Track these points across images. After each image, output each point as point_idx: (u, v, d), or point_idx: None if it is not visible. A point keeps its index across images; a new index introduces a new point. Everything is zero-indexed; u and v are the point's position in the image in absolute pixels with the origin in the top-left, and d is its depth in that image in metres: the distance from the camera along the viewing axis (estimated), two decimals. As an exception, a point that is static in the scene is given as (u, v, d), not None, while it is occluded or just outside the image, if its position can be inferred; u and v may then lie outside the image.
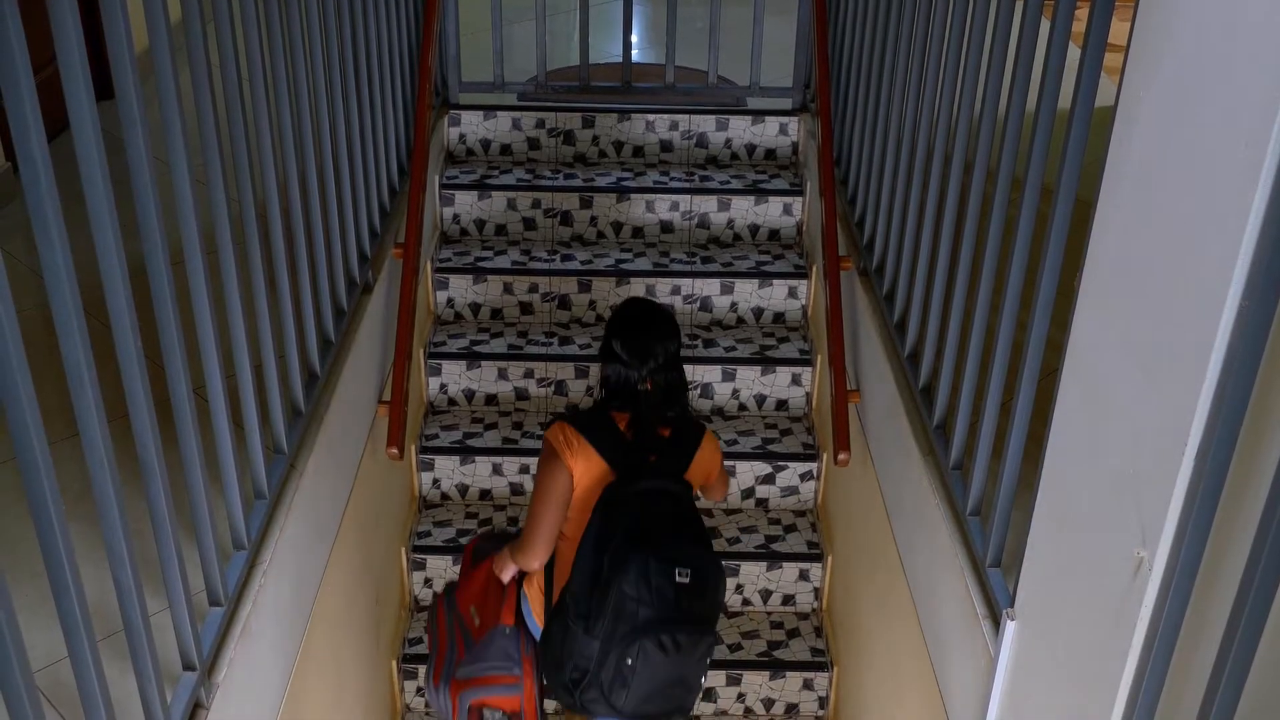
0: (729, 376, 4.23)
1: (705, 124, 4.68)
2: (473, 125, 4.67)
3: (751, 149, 4.73)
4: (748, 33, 4.60)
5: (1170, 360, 1.51)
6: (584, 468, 2.72)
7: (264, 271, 2.52)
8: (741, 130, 4.70)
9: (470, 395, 4.27)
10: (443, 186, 4.49)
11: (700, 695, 2.81)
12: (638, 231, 4.54)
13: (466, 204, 4.50)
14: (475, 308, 4.39)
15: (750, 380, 4.24)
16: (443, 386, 4.27)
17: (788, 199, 4.51)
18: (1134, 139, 1.63)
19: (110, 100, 1.80)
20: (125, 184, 1.83)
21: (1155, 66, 1.57)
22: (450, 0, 4.42)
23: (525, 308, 4.38)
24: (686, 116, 4.66)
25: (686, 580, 2.59)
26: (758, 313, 4.40)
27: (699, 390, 4.24)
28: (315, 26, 2.85)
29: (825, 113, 4.00)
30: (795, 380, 4.25)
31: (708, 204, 4.50)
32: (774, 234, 4.56)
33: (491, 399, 4.28)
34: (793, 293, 4.37)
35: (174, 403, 2.07)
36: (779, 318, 4.41)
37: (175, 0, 2.05)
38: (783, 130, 4.70)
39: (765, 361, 4.23)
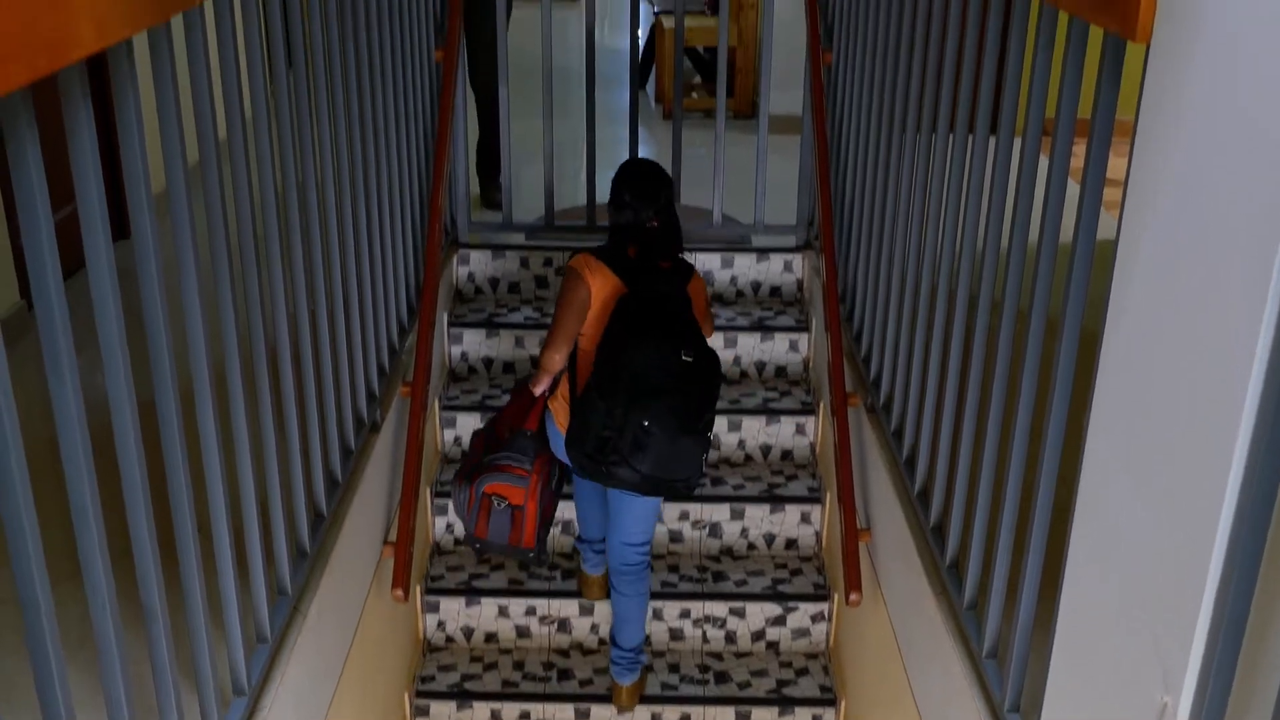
0: (737, 515, 4.20)
1: (711, 261, 4.74)
2: (481, 264, 4.73)
3: (757, 286, 4.77)
4: (750, 171, 4.68)
5: (1185, 497, 1.49)
6: (600, 283, 3.31)
7: (273, 410, 2.52)
8: (747, 268, 4.75)
9: (476, 534, 4.23)
10: (451, 324, 4.52)
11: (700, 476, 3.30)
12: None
13: (474, 342, 4.53)
14: (482, 445, 4.38)
15: (759, 519, 4.21)
16: (449, 526, 4.24)
17: (793, 335, 4.54)
18: (1135, 276, 1.65)
19: (126, 239, 1.83)
20: (136, 316, 1.85)
21: (1153, 202, 1.59)
22: (460, 142, 4.52)
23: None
24: (691, 255, 4.72)
25: (690, 360, 3.17)
26: (765, 450, 4.39)
27: (707, 529, 4.20)
28: (329, 167, 2.91)
29: (829, 249, 4.04)
30: (804, 518, 4.21)
31: (713, 342, 4.52)
32: (780, 370, 4.58)
33: (498, 538, 4.24)
34: (800, 429, 4.36)
35: (178, 543, 2.05)
36: (787, 455, 4.40)
37: (193, 143, 2.09)
38: (787, 267, 4.75)
39: (774, 499, 4.20)
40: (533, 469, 3.47)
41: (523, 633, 4.11)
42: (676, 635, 4.09)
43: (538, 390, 3.49)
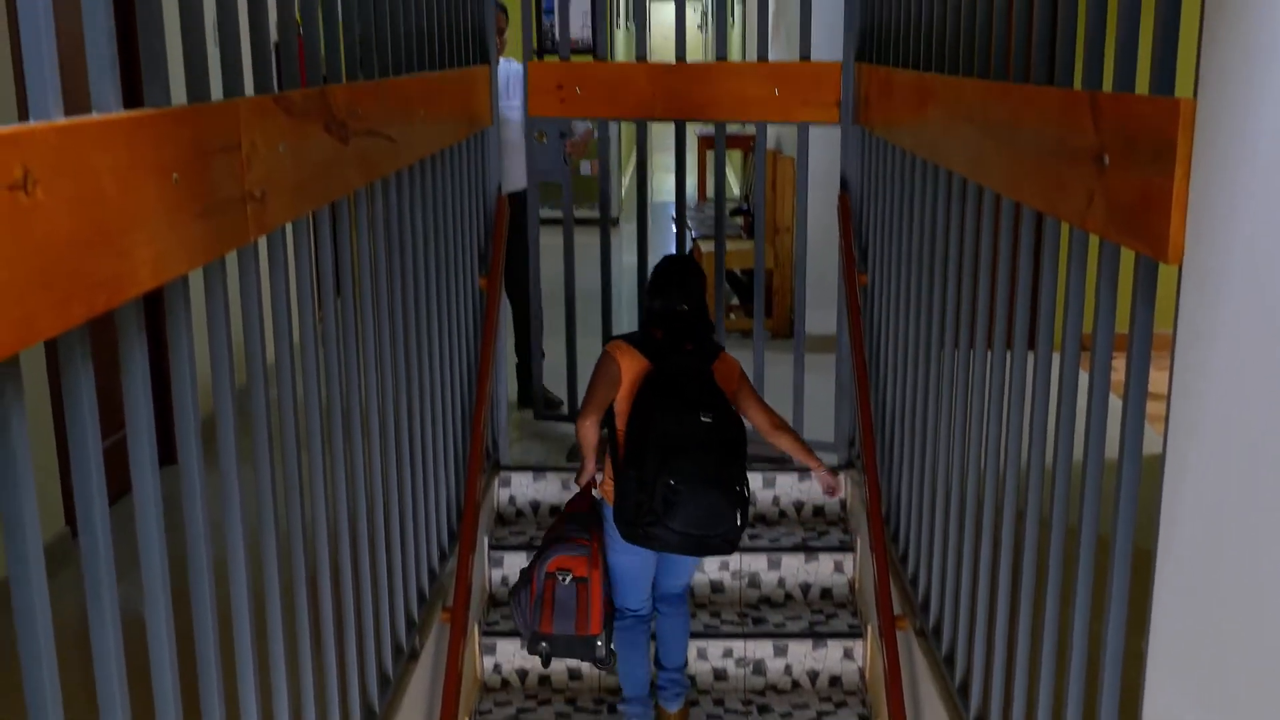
0: (785, 742, 4.05)
1: (751, 482, 4.71)
2: (522, 486, 4.74)
3: (800, 506, 4.73)
4: (790, 390, 4.71)
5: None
6: (629, 363, 3.59)
7: (311, 638, 2.49)
8: (788, 488, 4.72)
9: (516, 765, 4.11)
10: (492, 547, 4.49)
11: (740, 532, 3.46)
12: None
13: (516, 566, 4.49)
14: (523, 674, 4.29)
15: (807, 747, 4.05)
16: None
17: (838, 556, 4.47)
18: (1186, 492, 1.62)
19: (172, 465, 1.85)
20: (177, 533, 1.85)
21: (1198, 418, 1.58)
22: (503, 367, 4.59)
23: (574, 672, 4.27)
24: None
25: (710, 420, 3.42)
26: (813, 676, 4.27)
27: (754, 757, 4.05)
28: (373, 391, 2.96)
29: (871, 468, 4.02)
30: (855, 746, 4.05)
31: (758, 562, 4.46)
32: (825, 593, 4.49)
33: (538, 769, 4.11)
34: (848, 654, 4.25)
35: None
36: (834, 681, 4.27)
37: (241, 365, 2.14)
38: (830, 487, 4.72)
39: (822, 726, 4.06)
40: (591, 538, 3.71)
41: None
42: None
43: (583, 480, 3.80)
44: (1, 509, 1.35)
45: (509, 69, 5.07)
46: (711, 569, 4.48)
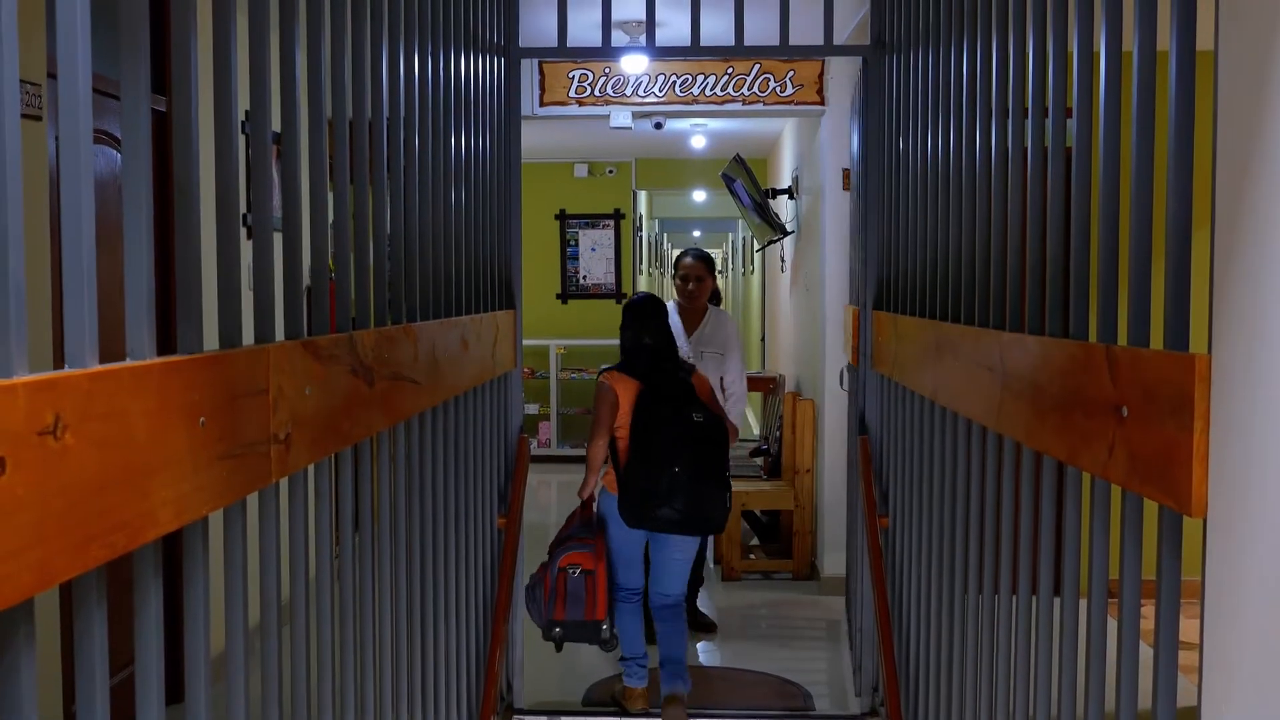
0: None
1: (773, 730, 4.57)
2: (537, 731, 4.60)
3: (823, 756, 4.57)
4: (813, 632, 4.61)
5: None
6: (623, 387, 4.48)
7: None
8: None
9: None
10: (503, 797, 4.33)
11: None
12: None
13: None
14: None
15: None
16: None
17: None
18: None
19: (179, 704, 1.81)
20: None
21: (1233, 672, 1.54)
22: (519, 607, 4.52)
23: None
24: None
25: (700, 420, 4.32)
26: None
27: None
28: (386, 627, 2.90)
29: (896, 716, 3.90)
30: None
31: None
32: None
33: None
34: None
35: None
36: None
37: (255, 601, 2.12)
38: (854, 736, 4.57)
39: None
40: (595, 538, 4.44)
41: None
42: None
43: (585, 493, 4.59)
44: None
45: None
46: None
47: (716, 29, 4.46)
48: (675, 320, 5.63)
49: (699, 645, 5.54)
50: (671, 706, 4.54)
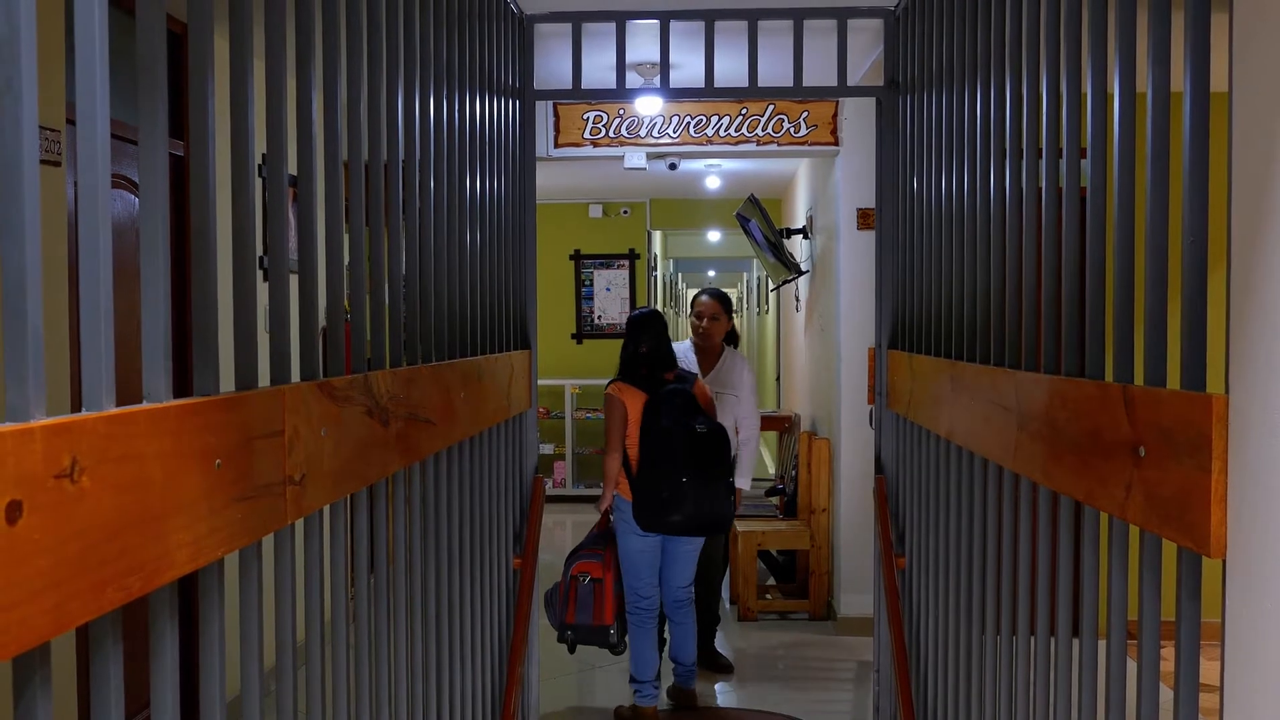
0: None
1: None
2: (552, 774, 4.56)
3: (841, 800, 4.52)
4: (830, 679, 4.57)
5: None
6: (630, 397, 4.82)
7: None
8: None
9: None
10: (518, 840, 4.29)
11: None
12: None
13: None
14: None
15: None
16: None
17: None
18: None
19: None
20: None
21: (1253, 713, 1.52)
22: (534, 649, 4.50)
23: None
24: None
25: (703, 430, 4.67)
26: None
27: None
28: (402, 668, 2.89)
29: (916, 762, 3.86)
30: None
31: None
32: None
33: None
34: None
35: None
36: None
37: (270, 643, 2.11)
38: (872, 780, 4.51)
39: None
40: (605, 550, 4.81)
41: None
42: None
43: (603, 506, 4.98)
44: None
45: None
46: None
47: (730, 70, 4.48)
48: (690, 359, 5.64)
49: (716, 686, 5.50)
50: (682, 694, 5.10)
